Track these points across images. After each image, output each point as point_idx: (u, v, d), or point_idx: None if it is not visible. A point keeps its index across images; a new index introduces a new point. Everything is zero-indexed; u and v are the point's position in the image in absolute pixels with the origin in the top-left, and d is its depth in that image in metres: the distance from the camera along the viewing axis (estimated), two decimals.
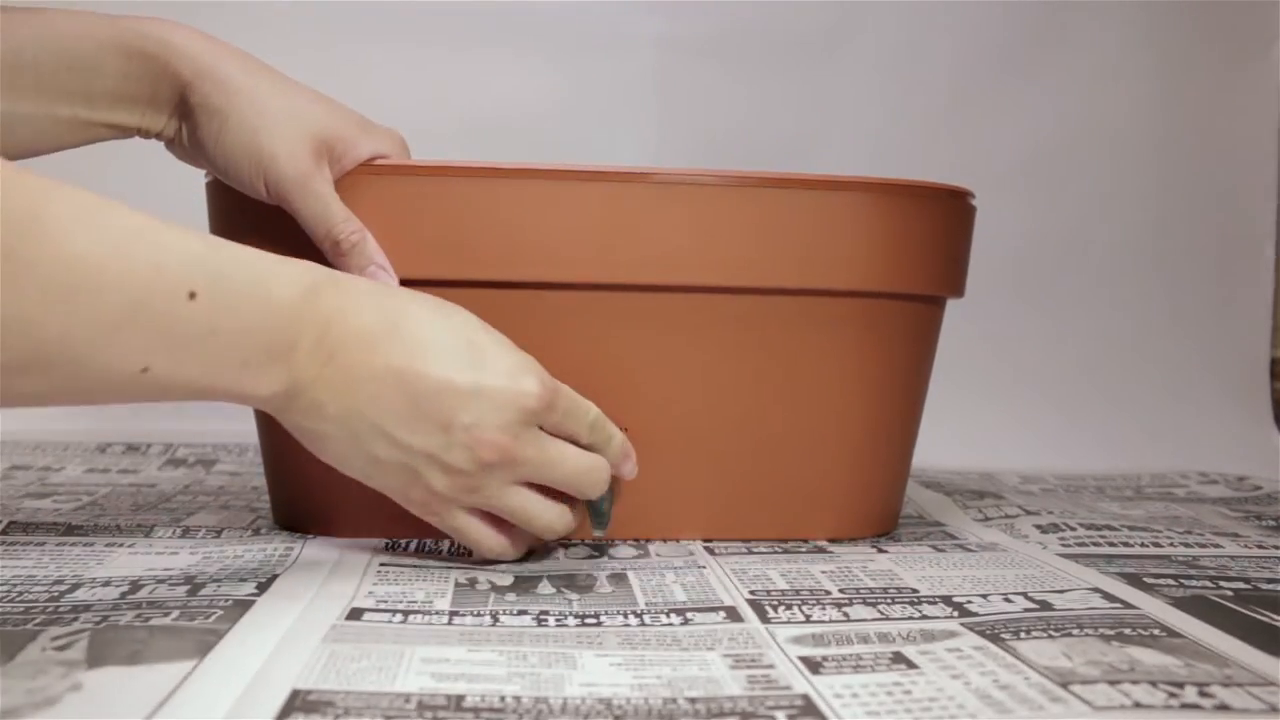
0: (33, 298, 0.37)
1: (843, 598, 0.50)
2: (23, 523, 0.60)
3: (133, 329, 0.40)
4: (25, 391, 0.40)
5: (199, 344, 0.42)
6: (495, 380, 0.49)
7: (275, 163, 0.52)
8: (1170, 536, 0.65)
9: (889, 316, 0.61)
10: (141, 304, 0.40)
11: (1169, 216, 1.06)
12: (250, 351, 0.44)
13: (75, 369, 0.40)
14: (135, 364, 0.41)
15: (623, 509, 0.59)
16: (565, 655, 0.41)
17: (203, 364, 0.43)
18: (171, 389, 0.43)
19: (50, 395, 0.41)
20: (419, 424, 0.48)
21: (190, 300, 0.41)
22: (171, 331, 0.41)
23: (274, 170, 0.52)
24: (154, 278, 0.40)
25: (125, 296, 0.40)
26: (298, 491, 0.61)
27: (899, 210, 0.59)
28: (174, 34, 0.53)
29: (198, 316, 0.42)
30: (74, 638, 0.40)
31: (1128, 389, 1.04)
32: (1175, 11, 1.05)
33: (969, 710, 0.36)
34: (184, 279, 0.41)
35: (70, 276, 0.38)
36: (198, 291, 0.41)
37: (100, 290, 0.39)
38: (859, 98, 1.07)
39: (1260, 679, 0.39)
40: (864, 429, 0.62)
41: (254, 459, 0.86)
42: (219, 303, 0.42)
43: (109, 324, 0.39)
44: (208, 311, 0.42)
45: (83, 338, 0.39)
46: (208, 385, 0.44)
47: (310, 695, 0.35)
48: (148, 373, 0.41)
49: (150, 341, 0.41)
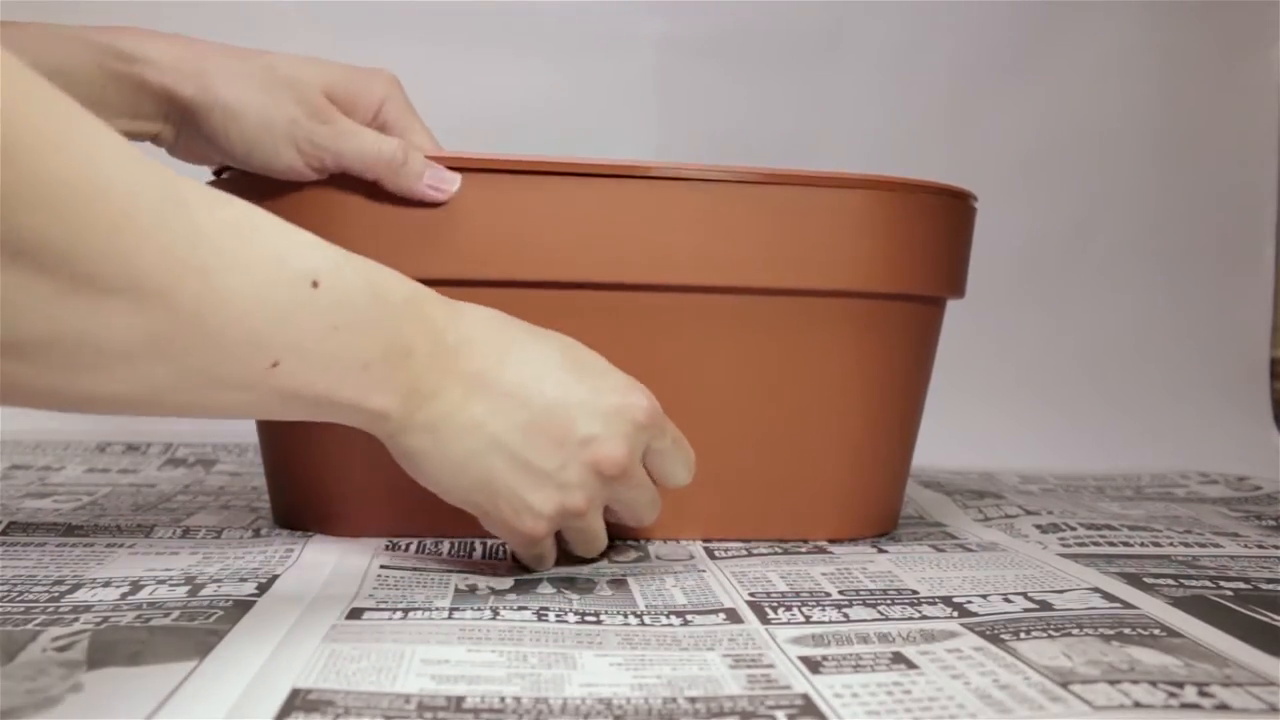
0: (171, 271, 0.35)
1: (842, 599, 0.50)
2: (23, 523, 0.60)
3: (262, 316, 0.38)
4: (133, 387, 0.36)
5: (324, 340, 0.40)
6: (610, 396, 0.48)
7: (298, 124, 0.52)
8: (1170, 536, 0.65)
9: (889, 317, 0.61)
10: (268, 288, 0.38)
11: (1169, 216, 1.06)
12: (371, 353, 0.42)
13: (205, 358, 0.37)
14: (266, 357, 0.39)
15: None
16: (565, 655, 0.41)
17: (326, 365, 0.41)
18: (294, 395, 0.41)
19: (166, 392, 0.37)
20: (538, 440, 0.46)
21: (313, 290, 0.39)
22: (299, 324, 0.39)
23: (301, 128, 0.52)
24: (277, 264, 0.38)
25: (251, 277, 0.37)
26: (298, 490, 0.61)
27: (900, 210, 0.59)
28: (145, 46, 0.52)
29: (321, 308, 0.40)
30: (75, 638, 0.40)
31: (1128, 389, 1.04)
32: (1175, 11, 1.05)
33: (969, 710, 0.36)
34: (307, 267, 0.39)
35: (199, 254, 0.36)
36: (320, 281, 0.39)
37: (228, 270, 0.36)
38: (859, 98, 1.07)
39: (1260, 679, 0.39)
40: (864, 429, 0.62)
41: (254, 459, 0.86)
42: (340, 296, 0.40)
43: (239, 307, 0.37)
44: (330, 304, 0.40)
45: (215, 318, 0.36)
46: (329, 393, 0.42)
47: (310, 695, 0.35)
48: (277, 369, 0.39)
49: (279, 333, 0.39)
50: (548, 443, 0.47)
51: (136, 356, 0.35)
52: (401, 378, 0.44)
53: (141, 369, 0.36)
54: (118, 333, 0.34)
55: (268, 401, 0.40)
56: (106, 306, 0.34)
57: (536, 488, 0.47)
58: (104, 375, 0.35)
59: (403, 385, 0.44)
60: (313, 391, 0.41)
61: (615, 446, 0.48)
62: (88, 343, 0.34)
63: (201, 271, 0.36)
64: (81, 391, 0.36)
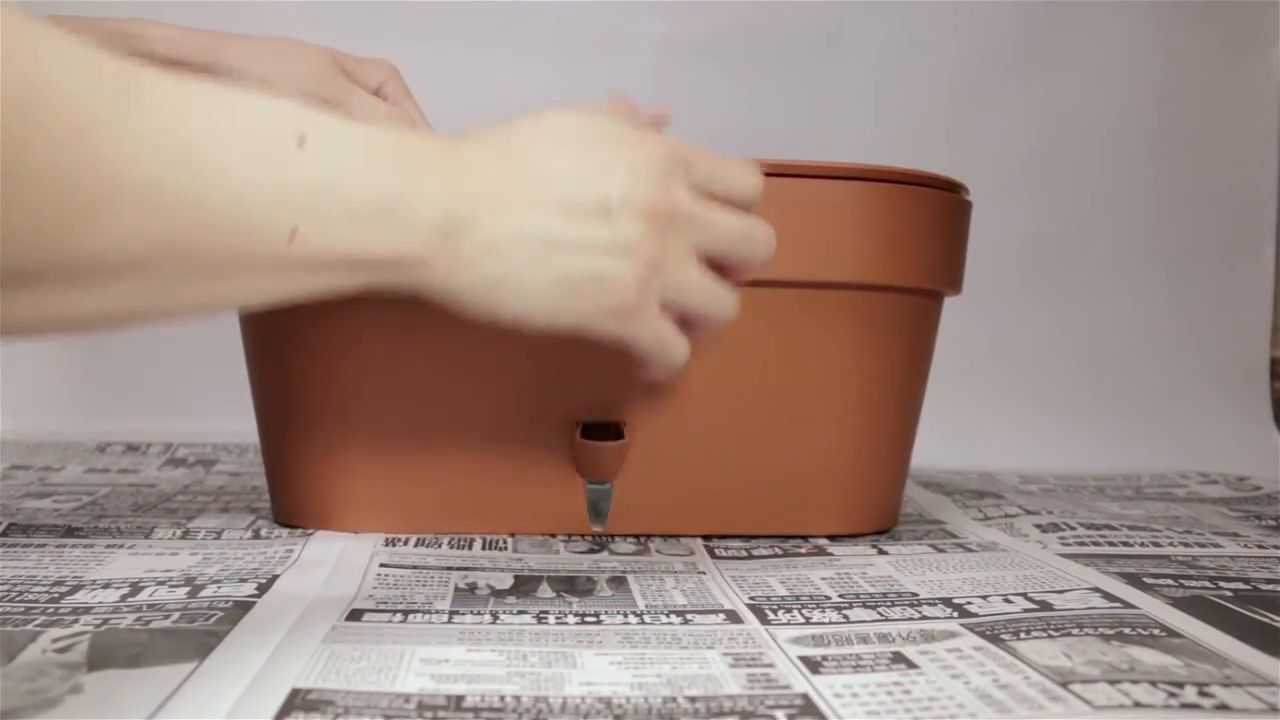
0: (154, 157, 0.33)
1: (842, 602, 0.50)
2: (23, 524, 0.60)
3: (263, 182, 0.36)
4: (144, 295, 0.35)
5: (332, 195, 0.38)
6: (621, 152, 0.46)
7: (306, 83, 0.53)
8: (1170, 536, 0.65)
9: (887, 310, 0.61)
10: (260, 151, 0.36)
11: (1169, 216, 1.06)
12: (385, 195, 0.40)
13: (219, 242, 0.35)
14: (282, 227, 0.36)
15: (622, 505, 0.59)
16: (565, 655, 0.41)
17: (345, 220, 0.38)
18: (324, 263, 0.38)
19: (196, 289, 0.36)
20: (581, 219, 0.44)
21: (303, 146, 0.37)
22: (301, 182, 0.37)
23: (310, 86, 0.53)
24: (260, 125, 0.36)
25: (240, 144, 0.35)
26: (298, 486, 0.61)
27: (895, 202, 0.59)
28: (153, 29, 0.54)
29: (319, 161, 0.37)
30: (75, 640, 0.40)
31: (1128, 389, 1.04)
32: (1176, 11, 1.05)
33: (969, 710, 0.36)
34: (289, 123, 0.37)
35: (184, 131, 0.34)
36: (306, 135, 0.37)
37: (215, 141, 0.35)
38: (859, 98, 1.07)
39: (1260, 679, 0.39)
40: (862, 424, 0.62)
41: (254, 459, 0.86)
42: (333, 146, 0.38)
43: (240, 178, 0.35)
44: (326, 155, 0.38)
45: (220, 196, 0.34)
46: (359, 251, 0.39)
47: (310, 694, 0.35)
48: (296, 238, 0.37)
49: (285, 197, 0.36)
50: (592, 216, 0.44)
51: (146, 259, 0.34)
52: (428, 214, 0.41)
53: (154, 272, 0.34)
54: (119, 239, 0.33)
55: (301, 276, 0.38)
56: (99, 215, 0.32)
57: (610, 258, 0.44)
58: (115, 287, 0.34)
59: (432, 221, 0.41)
60: (341, 253, 0.39)
61: (647, 189, 0.45)
62: (92, 257, 0.32)
63: (185, 148, 0.34)
64: (93, 309, 0.34)
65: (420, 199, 0.41)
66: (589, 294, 0.44)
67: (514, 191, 0.43)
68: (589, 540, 0.60)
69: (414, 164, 0.41)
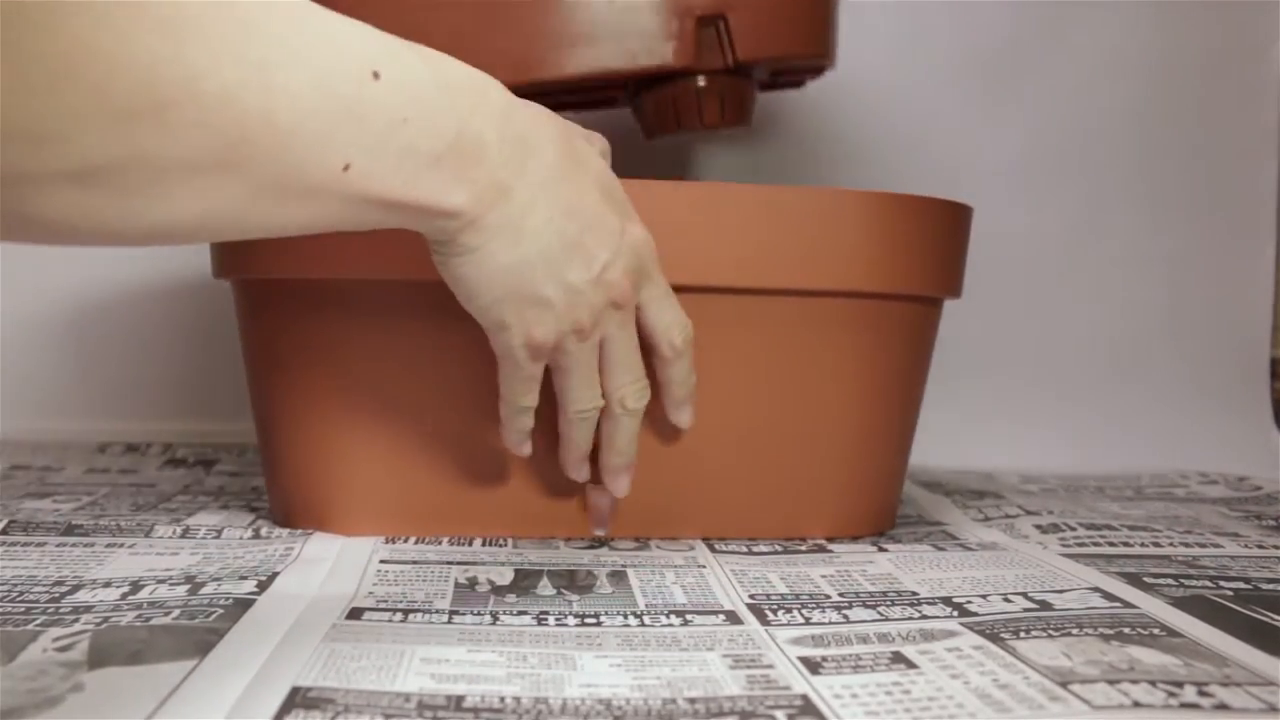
0: (235, 65, 0.33)
1: (842, 601, 0.50)
2: (23, 523, 0.60)
3: (328, 113, 0.36)
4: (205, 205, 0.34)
5: (393, 135, 0.38)
6: (632, 226, 0.48)
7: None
8: (1170, 536, 0.65)
9: (886, 317, 0.61)
10: (330, 81, 0.36)
11: (1168, 216, 1.06)
12: (441, 145, 0.40)
13: (276, 165, 0.35)
14: (337, 158, 0.37)
15: (624, 508, 0.60)
16: (565, 656, 0.41)
17: (399, 161, 0.39)
18: (366, 200, 0.39)
19: (236, 209, 0.36)
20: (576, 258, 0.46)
21: (375, 81, 0.37)
22: (365, 118, 0.37)
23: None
24: (336, 55, 0.36)
25: (314, 70, 0.35)
26: (297, 487, 0.61)
27: (892, 209, 0.59)
28: None
29: (386, 100, 0.37)
30: (75, 639, 0.40)
31: (1128, 389, 1.04)
32: (1175, 10, 1.05)
33: (968, 709, 0.36)
34: (367, 57, 0.37)
35: (263, 49, 0.34)
36: (381, 71, 0.37)
37: (289, 64, 0.34)
38: (859, 96, 1.07)
39: (1260, 679, 0.39)
40: (861, 428, 0.62)
41: (254, 459, 0.86)
42: (404, 85, 0.38)
43: (307, 105, 0.35)
44: (395, 94, 0.38)
45: (285, 120, 0.34)
46: (403, 194, 0.39)
47: (310, 692, 0.35)
48: (349, 171, 0.37)
49: (346, 130, 0.36)
50: (582, 263, 0.46)
51: (207, 170, 0.34)
52: (474, 170, 0.42)
53: (212, 185, 0.34)
54: (185, 146, 0.33)
55: (339, 209, 0.38)
56: (170, 118, 0.32)
57: (564, 299, 0.46)
58: (175, 196, 0.34)
59: (477, 178, 0.42)
60: (385, 192, 0.39)
61: (623, 270, 0.48)
62: (156, 161, 0.32)
63: (261, 67, 0.33)
64: (153, 218, 0.34)
65: (473, 153, 0.41)
66: (530, 310, 0.47)
67: (550, 194, 0.45)
68: (588, 539, 0.61)
69: (475, 112, 0.41)
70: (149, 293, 0.98)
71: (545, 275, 0.46)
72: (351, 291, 0.57)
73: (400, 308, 0.57)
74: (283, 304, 0.59)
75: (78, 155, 0.31)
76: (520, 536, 0.60)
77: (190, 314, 0.98)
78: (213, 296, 0.95)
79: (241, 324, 0.63)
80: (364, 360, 0.59)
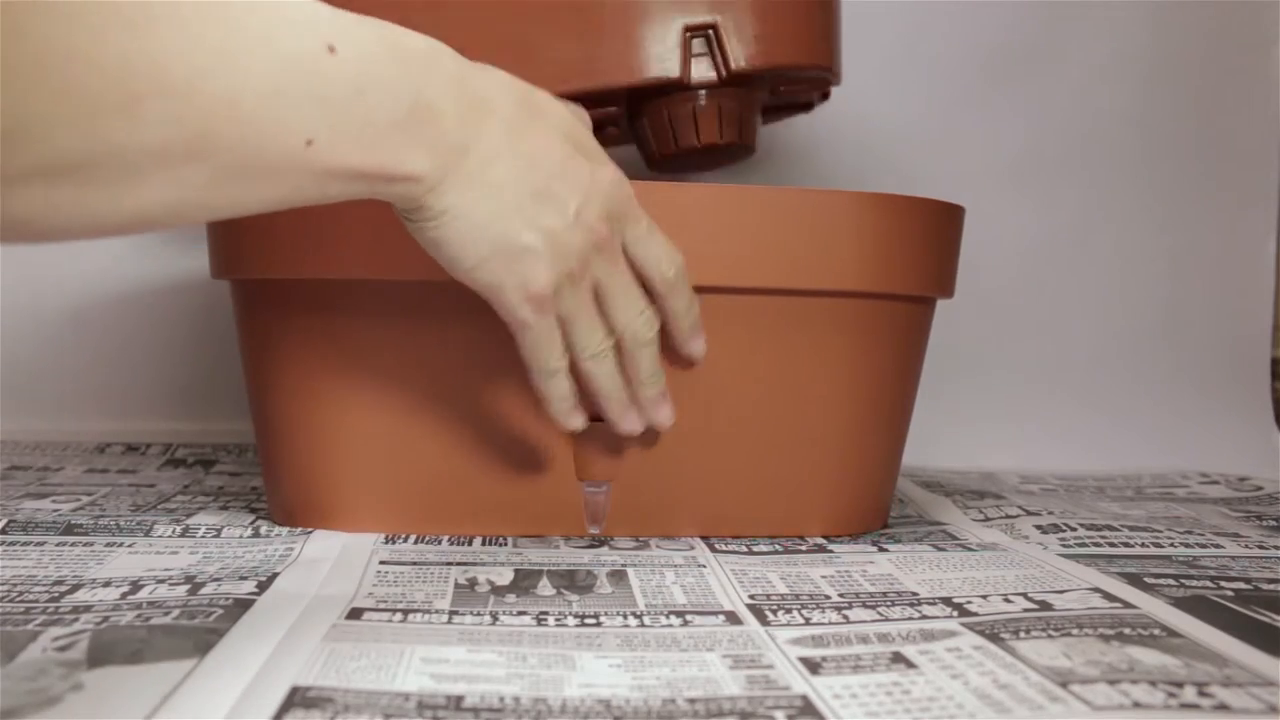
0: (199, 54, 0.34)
1: (842, 601, 0.50)
2: (22, 522, 0.60)
3: (289, 92, 0.37)
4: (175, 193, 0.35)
5: (351, 107, 0.39)
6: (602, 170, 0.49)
7: None
8: (1171, 536, 0.65)
9: (879, 316, 0.61)
10: (290, 61, 0.37)
11: (1168, 216, 1.06)
12: (398, 111, 0.41)
13: (242, 147, 0.36)
14: (300, 135, 0.37)
15: (620, 506, 0.59)
16: (564, 656, 0.41)
17: (359, 132, 0.39)
18: (329, 173, 0.39)
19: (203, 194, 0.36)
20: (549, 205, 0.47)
21: (331, 56, 0.38)
22: (325, 94, 0.38)
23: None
24: (293, 34, 0.37)
25: (273, 53, 0.36)
26: (296, 485, 0.61)
27: (885, 209, 0.59)
28: None
29: (343, 74, 0.38)
30: (75, 638, 0.40)
31: (1128, 389, 1.03)
32: (1175, 11, 1.05)
33: (968, 710, 0.36)
34: (321, 33, 0.38)
35: (224, 35, 0.35)
36: (336, 46, 0.38)
37: (250, 48, 0.35)
38: (858, 97, 1.07)
39: (1260, 679, 0.39)
40: (854, 426, 0.62)
41: (254, 459, 0.86)
42: (359, 58, 0.39)
43: (269, 86, 0.36)
44: (350, 68, 0.39)
45: (249, 103, 0.35)
46: (363, 164, 0.40)
47: (310, 691, 0.35)
48: (312, 147, 0.38)
49: (307, 107, 0.37)
50: (555, 209, 0.47)
51: (176, 158, 0.35)
52: (432, 134, 0.42)
53: (182, 172, 0.35)
54: (155, 137, 0.34)
55: (304, 184, 0.39)
56: (139, 111, 0.33)
57: (548, 244, 0.47)
58: (146, 186, 0.34)
59: (435, 142, 0.43)
60: (348, 164, 0.40)
61: (600, 212, 0.48)
62: (127, 153, 0.33)
63: (222, 53, 0.35)
64: (125, 209, 0.35)
65: (429, 117, 0.42)
66: (518, 263, 0.47)
67: (510, 148, 0.45)
68: (587, 538, 0.61)
69: (429, 79, 0.42)
70: (149, 293, 0.98)
71: (521, 224, 0.46)
72: (350, 291, 0.57)
73: (399, 308, 0.57)
74: (281, 304, 0.59)
75: (50, 152, 0.32)
76: (520, 535, 0.60)
77: (190, 314, 0.98)
78: (212, 296, 0.95)
79: (240, 324, 0.63)
80: (363, 359, 0.59)
